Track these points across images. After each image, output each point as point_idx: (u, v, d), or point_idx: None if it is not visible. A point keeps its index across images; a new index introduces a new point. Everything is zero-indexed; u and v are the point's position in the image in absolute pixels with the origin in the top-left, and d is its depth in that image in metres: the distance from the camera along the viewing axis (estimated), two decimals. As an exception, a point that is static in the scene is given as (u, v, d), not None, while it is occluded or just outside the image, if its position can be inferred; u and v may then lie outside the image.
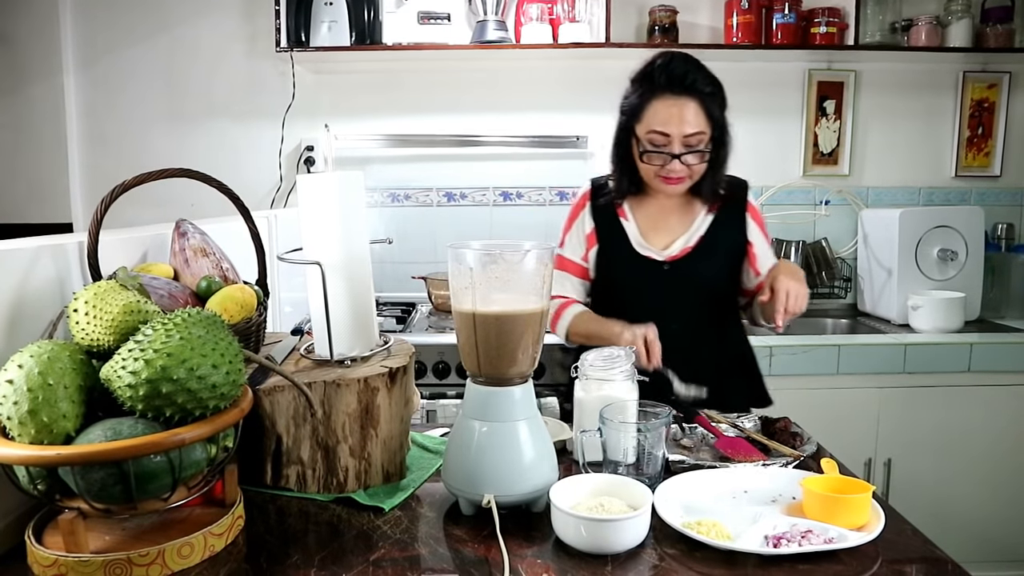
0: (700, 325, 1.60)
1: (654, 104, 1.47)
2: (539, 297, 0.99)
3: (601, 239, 1.65)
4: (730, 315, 1.67)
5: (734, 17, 2.59)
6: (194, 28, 2.72)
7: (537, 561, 0.89)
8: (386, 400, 1.09)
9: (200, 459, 0.89)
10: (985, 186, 2.84)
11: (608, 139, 2.76)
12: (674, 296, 1.59)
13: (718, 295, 1.62)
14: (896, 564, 0.88)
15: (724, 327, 1.65)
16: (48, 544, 0.87)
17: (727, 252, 1.61)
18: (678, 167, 1.48)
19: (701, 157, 1.49)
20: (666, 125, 1.46)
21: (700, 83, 1.46)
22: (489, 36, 2.51)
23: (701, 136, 1.47)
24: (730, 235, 1.61)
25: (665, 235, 1.61)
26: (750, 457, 1.17)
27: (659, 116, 1.47)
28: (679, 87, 1.45)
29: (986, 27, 2.62)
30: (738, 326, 1.69)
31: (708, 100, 1.46)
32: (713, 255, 1.60)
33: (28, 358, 0.83)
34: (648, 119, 1.49)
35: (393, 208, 2.80)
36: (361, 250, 1.16)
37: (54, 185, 2.72)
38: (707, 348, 1.61)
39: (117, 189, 1.01)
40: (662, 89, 1.46)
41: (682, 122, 1.45)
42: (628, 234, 1.62)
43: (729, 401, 1.44)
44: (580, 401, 1.20)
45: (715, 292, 1.61)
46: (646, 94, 1.49)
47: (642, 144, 1.51)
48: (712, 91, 1.47)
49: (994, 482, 2.26)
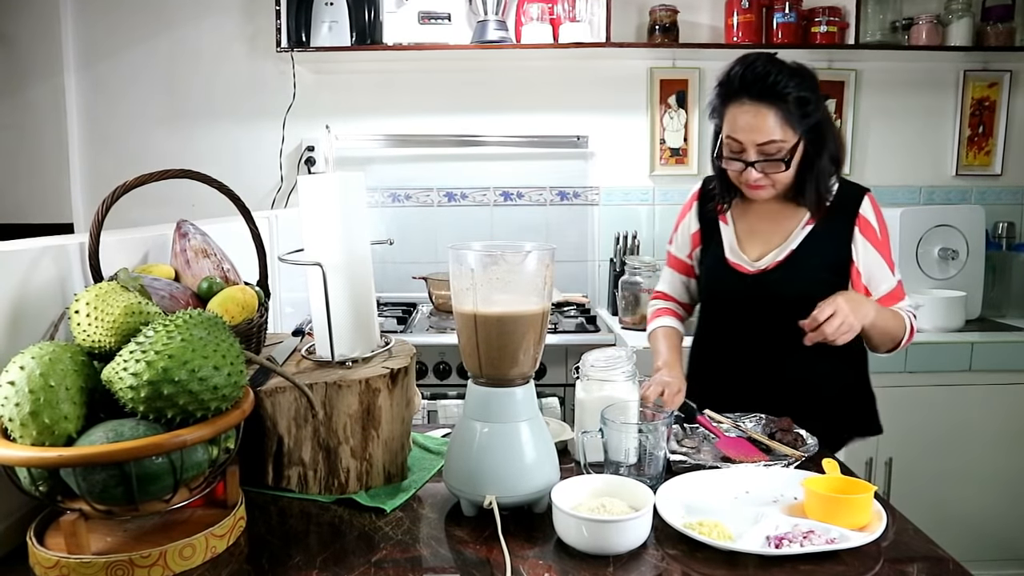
0: (786, 347, 1.39)
1: (731, 109, 1.39)
2: (540, 298, 0.99)
3: (704, 241, 1.59)
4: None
5: (734, 16, 2.59)
6: (195, 29, 2.72)
7: (539, 562, 0.89)
8: (387, 401, 1.09)
9: (201, 460, 0.89)
10: (986, 185, 2.84)
11: (608, 138, 2.79)
12: (757, 312, 1.46)
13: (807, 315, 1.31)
14: (898, 564, 0.88)
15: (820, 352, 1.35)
16: (50, 545, 0.87)
17: (824, 268, 1.44)
18: (754, 175, 1.39)
19: (778, 167, 1.38)
20: (738, 132, 1.38)
21: (780, 88, 1.34)
22: (490, 36, 2.51)
23: (780, 144, 1.36)
24: (829, 249, 1.45)
25: (760, 245, 1.49)
26: (751, 457, 1.17)
27: (734, 122, 1.39)
28: (754, 93, 1.36)
29: (987, 26, 2.62)
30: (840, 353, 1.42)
31: (790, 106, 1.35)
32: (803, 270, 1.44)
33: (30, 359, 0.83)
34: (727, 124, 1.41)
35: (394, 208, 2.80)
36: (362, 251, 1.16)
37: (55, 186, 2.72)
38: (792, 372, 1.46)
39: (118, 190, 1.01)
40: (737, 94, 1.38)
41: (753, 130, 1.36)
42: (724, 240, 1.53)
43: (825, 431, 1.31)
44: (581, 402, 1.20)
45: (804, 313, 1.31)
46: (725, 98, 1.41)
47: (724, 149, 1.44)
48: (798, 96, 1.35)
49: (995, 481, 2.26)
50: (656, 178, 2.80)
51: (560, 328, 2.29)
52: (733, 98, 1.39)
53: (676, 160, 2.79)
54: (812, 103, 1.37)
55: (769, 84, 1.34)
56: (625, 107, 2.77)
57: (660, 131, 2.78)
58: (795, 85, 1.35)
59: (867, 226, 1.46)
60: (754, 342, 1.48)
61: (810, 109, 1.37)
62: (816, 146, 1.40)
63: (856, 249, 1.45)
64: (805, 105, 1.36)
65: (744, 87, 1.37)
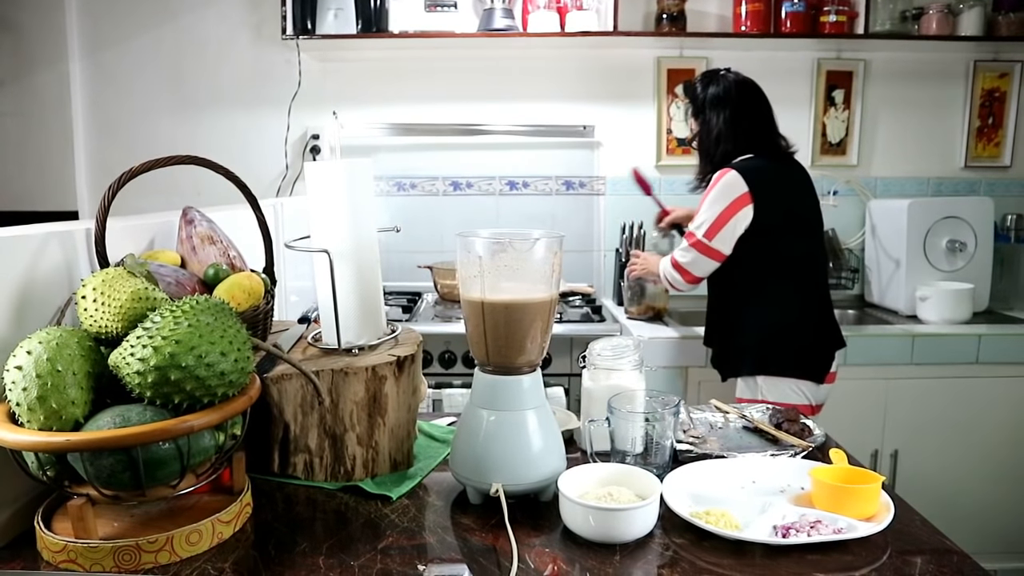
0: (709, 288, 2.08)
1: None
2: (548, 286, 0.98)
3: None
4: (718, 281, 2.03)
5: (743, 6, 2.57)
6: (200, 16, 2.71)
7: (545, 550, 0.89)
8: (394, 389, 1.08)
9: (208, 446, 0.89)
10: (995, 176, 2.82)
11: (615, 128, 2.77)
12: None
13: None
14: (905, 555, 0.88)
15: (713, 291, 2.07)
16: (57, 530, 0.87)
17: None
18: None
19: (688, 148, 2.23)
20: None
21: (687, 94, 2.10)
22: (496, 24, 2.50)
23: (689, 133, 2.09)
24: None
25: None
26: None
27: None
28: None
29: (998, 15, 2.60)
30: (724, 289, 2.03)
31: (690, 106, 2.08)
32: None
33: (37, 344, 0.83)
34: None
35: (399, 197, 2.80)
36: (369, 238, 1.15)
37: (60, 173, 2.72)
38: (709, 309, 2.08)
39: (124, 176, 1.01)
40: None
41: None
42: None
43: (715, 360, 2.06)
44: (588, 390, 1.20)
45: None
46: None
47: None
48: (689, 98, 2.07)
49: (1001, 473, 2.26)
50: (663, 168, 2.79)
51: (565, 318, 2.29)
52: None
53: (683, 150, 2.77)
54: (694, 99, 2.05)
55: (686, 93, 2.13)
56: (632, 97, 2.76)
57: (667, 121, 2.76)
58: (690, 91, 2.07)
59: (709, 187, 1.94)
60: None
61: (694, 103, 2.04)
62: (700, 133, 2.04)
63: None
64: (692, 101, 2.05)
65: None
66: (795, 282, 1.93)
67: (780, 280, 1.92)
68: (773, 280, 1.92)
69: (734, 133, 1.96)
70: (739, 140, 1.96)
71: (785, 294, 1.92)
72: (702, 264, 1.94)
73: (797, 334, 1.91)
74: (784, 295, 1.92)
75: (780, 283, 1.92)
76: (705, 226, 1.91)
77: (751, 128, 1.97)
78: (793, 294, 1.92)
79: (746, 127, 1.96)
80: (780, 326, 1.91)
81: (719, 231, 1.89)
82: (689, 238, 1.96)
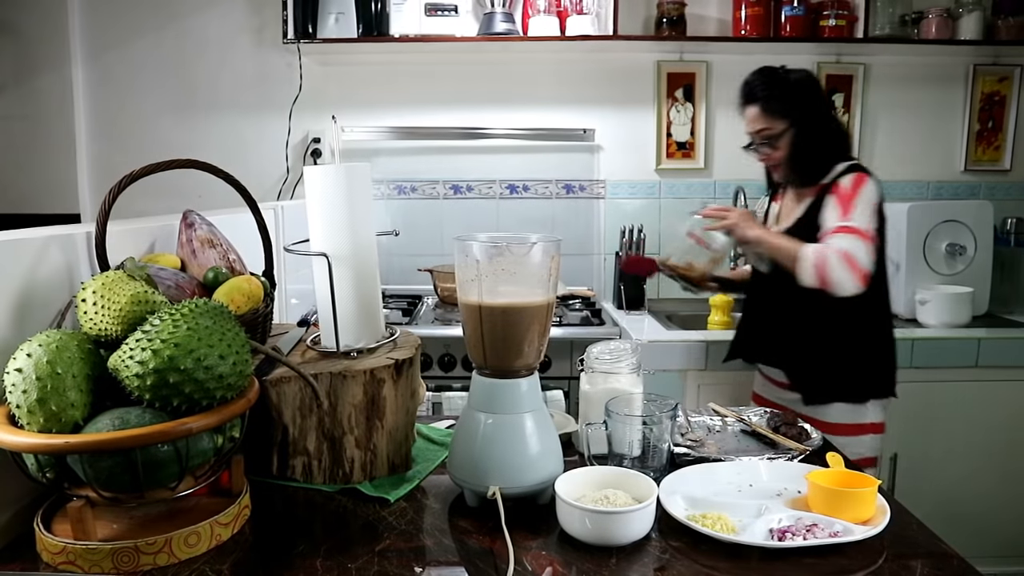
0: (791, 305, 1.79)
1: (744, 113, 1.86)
2: (545, 289, 0.99)
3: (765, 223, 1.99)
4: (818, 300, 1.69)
5: (743, 10, 2.58)
6: (202, 20, 2.73)
7: (542, 553, 0.89)
8: (392, 392, 1.09)
9: (207, 449, 0.90)
10: (995, 180, 2.82)
11: (615, 132, 2.78)
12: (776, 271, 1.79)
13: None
14: (902, 558, 0.88)
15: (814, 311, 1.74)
16: (57, 532, 0.87)
17: (810, 230, 1.74)
18: (758, 156, 1.85)
19: (771, 147, 1.79)
20: (746, 126, 1.85)
21: (755, 92, 1.80)
22: (496, 28, 2.51)
23: (767, 131, 1.78)
24: (816, 216, 1.75)
25: (783, 219, 1.91)
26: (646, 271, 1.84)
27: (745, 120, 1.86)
28: (744, 98, 1.84)
29: (998, 19, 2.60)
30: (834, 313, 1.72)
31: (767, 102, 1.78)
32: (794, 233, 1.76)
33: (37, 347, 0.83)
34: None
35: (399, 200, 2.80)
36: (368, 241, 1.16)
37: (62, 176, 2.73)
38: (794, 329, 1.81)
39: (125, 179, 1.02)
40: (741, 102, 1.85)
41: (749, 123, 1.83)
42: (770, 216, 1.99)
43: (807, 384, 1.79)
44: (586, 394, 1.20)
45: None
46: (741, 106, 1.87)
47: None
48: (772, 94, 1.78)
49: (1001, 477, 2.25)
50: (663, 172, 2.79)
51: (565, 321, 2.29)
52: (741, 105, 1.85)
53: (683, 154, 2.78)
54: (781, 101, 1.77)
55: (751, 88, 1.81)
56: (632, 101, 2.77)
57: (667, 125, 2.77)
58: (764, 89, 1.78)
59: (837, 187, 1.73)
60: (776, 297, 1.84)
61: (778, 106, 1.77)
62: (807, 131, 1.77)
63: (825, 208, 1.73)
64: (782, 98, 1.77)
65: (741, 94, 1.85)
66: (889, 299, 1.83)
67: (887, 298, 1.81)
68: (886, 298, 1.80)
69: (835, 133, 1.80)
70: (842, 142, 1.82)
71: (888, 312, 1.82)
72: (870, 260, 1.64)
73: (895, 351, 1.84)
74: (888, 314, 1.82)
75: (887, 300, 1.81)
76: (864, 221, 1.66)
77: (839, 129, 1.85)
78: (891, 311, 1.84)
79: (835, 128, 1.82)
80: (891, 344, 1.82)
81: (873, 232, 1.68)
82: (850, 231, 1.64)
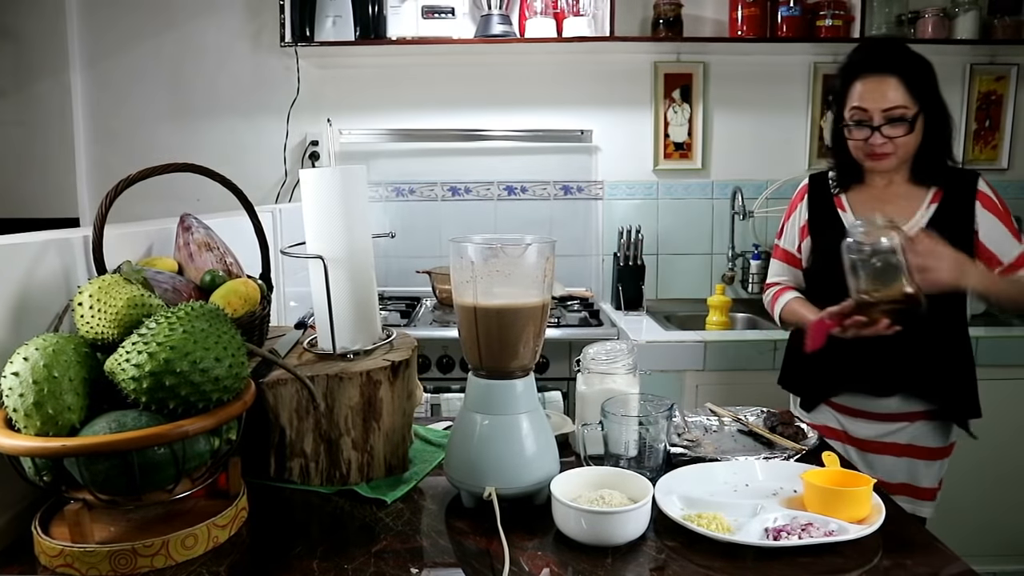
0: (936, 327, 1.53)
1: (857, 84, 1.51)
2: (540, 291, 0.99)
3: (813, 231, 1.67)
4: (954, 313, 1.57)
5: (739, 10, 2.58)
6: (199, 25, 2.73)
7: (538, 553, 0.89)
8: (388, 393, 1.09)
9: (204, 451, 0.90)
10: (993, 179, 2.74)
11: (612, 133, 2.78)
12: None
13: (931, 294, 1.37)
14: (897, 557, 0.88)
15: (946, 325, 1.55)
16: (54, 535, 0.88)
17: (952, 244, 1.40)
18: (879, 140, 1.48)
19: (906, 129, 1.47)
20: (864, 101, 1.49)
21: (900, 59, 1.48)
22: (493, 30, 2.51)
23: (903, 111, 1.47)
24: (955, 226, 1.50)
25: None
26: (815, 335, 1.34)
27: (861, 94, 1.50)
28: (877, 65, 1.49)
29: (994, 19, 2.60)
30: (962, 326, 1.60)
31: (909, 77, 1.47)
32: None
33: (34, 351, 0.83)
34: (853, 98, 1.51)
35: (397, 202, 2.81)
36: (364, 244, 1.16)
37: (61, 181, 2.73)
38: (925, 346, 1.54)
39: (122, 183, 1.02)
40: (862, 69, 1.51)
41: (881, 98, 1.47)
42: (845, 224, 1.56)
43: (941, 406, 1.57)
44: (582, 394, 1.21)
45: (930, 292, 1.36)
46: (849, 77, 1.53)
47: (846, 123, 1.54)
48: (914, 68, 1.48)
49: (997, 476, 2.25)
50: (660, 172, 2.80)
51: (563, 322, 2.29)
52: (859, 74, 1.50)
53: (680, 155, 2.78)
54: (924, 75, 1.48)
55: (890, 56, 1.49)
56: (629, 101, 2.77)
57: (664, 125, 2.77)
58: (908, 58, 1.48)
59: (988, 200, 1.53)
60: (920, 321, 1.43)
61: (921, 84, 1.47)
62: (936, 120, 1.49)
63: (979, 222, 1.51)
64: (922, 75, 1.48)
65: (868, 61, 1.50)
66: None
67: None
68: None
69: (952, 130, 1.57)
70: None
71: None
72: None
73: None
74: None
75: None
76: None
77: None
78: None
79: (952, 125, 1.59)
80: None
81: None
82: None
